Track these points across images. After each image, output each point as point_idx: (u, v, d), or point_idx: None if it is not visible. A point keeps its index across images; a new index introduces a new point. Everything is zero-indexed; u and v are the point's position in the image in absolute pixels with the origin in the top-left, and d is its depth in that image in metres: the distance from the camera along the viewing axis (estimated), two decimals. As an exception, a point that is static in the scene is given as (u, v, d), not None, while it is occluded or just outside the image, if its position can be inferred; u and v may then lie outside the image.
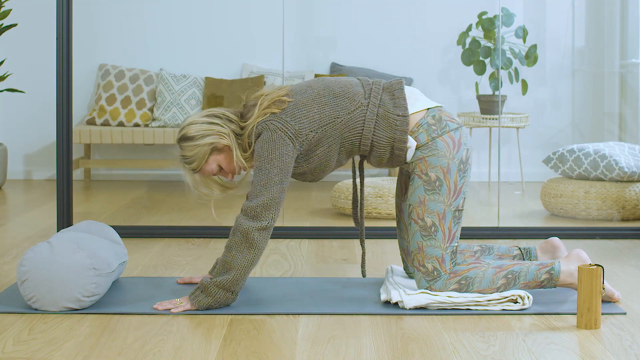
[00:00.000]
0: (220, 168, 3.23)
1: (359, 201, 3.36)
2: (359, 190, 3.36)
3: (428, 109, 3.21)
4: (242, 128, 3.21)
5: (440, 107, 3.25)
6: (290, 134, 3.12)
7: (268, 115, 3.15)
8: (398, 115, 3.16)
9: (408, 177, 3.30)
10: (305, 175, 3.24)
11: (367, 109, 3.17)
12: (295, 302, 3.21)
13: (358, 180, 3.36)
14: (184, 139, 3.20)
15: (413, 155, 3.18)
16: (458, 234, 3.18)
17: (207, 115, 3.22)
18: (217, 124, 3.19)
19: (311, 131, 3.14)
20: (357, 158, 3.36)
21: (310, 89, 3.21)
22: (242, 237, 3.06)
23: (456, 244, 3.18)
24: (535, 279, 3.17)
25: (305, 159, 3.18)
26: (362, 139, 3.17)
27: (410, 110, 3.19)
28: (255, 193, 3.08)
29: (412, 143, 3.17)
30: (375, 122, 3.16)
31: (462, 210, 3.18)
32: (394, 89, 3.21)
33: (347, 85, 3.21)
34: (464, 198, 3.18)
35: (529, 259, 3.41)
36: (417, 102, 3.22)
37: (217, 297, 3.07)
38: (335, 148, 3.19)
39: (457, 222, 3.17)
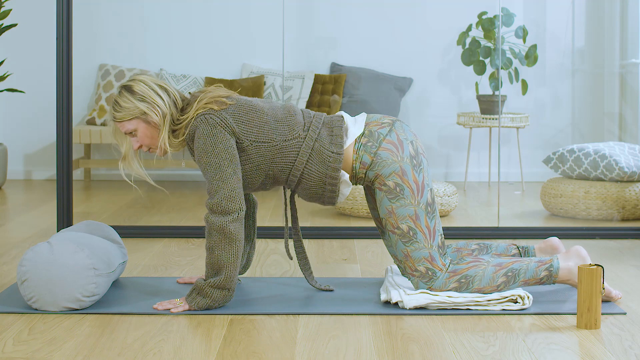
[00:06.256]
0: (136, 134, 3.19)
1: (295, 235, 3.31)
2: (289, 222, 3.31)
3: (362, 134, 3.19)
4: (179, 120, 3.17)
5: (366, 119, 3.23)
6: (230, 131, 3.10)
7: (207, 109, 3.13)
8: (332, 152, 3.15)
9: (374, 193, 3.28)
10: None
11: (303, 142, 3.16)
12: (295, 302, 3.21)
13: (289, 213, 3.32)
14: (126, 88, 3.17)
15: (366, 176, 3.17)
16: (439, 227, 3.17)
17: (160, 87, 3.18)
18: (162, 99, 3.16)
19: (247, 140, 3.12)
20: (288, 192, 3.30)
21: (254, 101, 3.20)
22: (219, 235, 3.05)
23: (440, 237, 3.16)
24: (535, 276, 3.17)
25: None
26: (293, 169, 3.16)
27: (346, 143, 3.17)
28: (214, 189, 3.07)
29: (344, 176, 3.16)
30: (309, 155, 3.16)
31: (432, 203, 3.15)
32: (334, 125, 3.19)
33: (289, 113, 3.20)
34: (430, 189, 3.15)
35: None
36: (352, 129, 3.19)
37: (215, 297, 3.07)
38: (263, 169, 3.16)
39: (432, 217, 3.15)
